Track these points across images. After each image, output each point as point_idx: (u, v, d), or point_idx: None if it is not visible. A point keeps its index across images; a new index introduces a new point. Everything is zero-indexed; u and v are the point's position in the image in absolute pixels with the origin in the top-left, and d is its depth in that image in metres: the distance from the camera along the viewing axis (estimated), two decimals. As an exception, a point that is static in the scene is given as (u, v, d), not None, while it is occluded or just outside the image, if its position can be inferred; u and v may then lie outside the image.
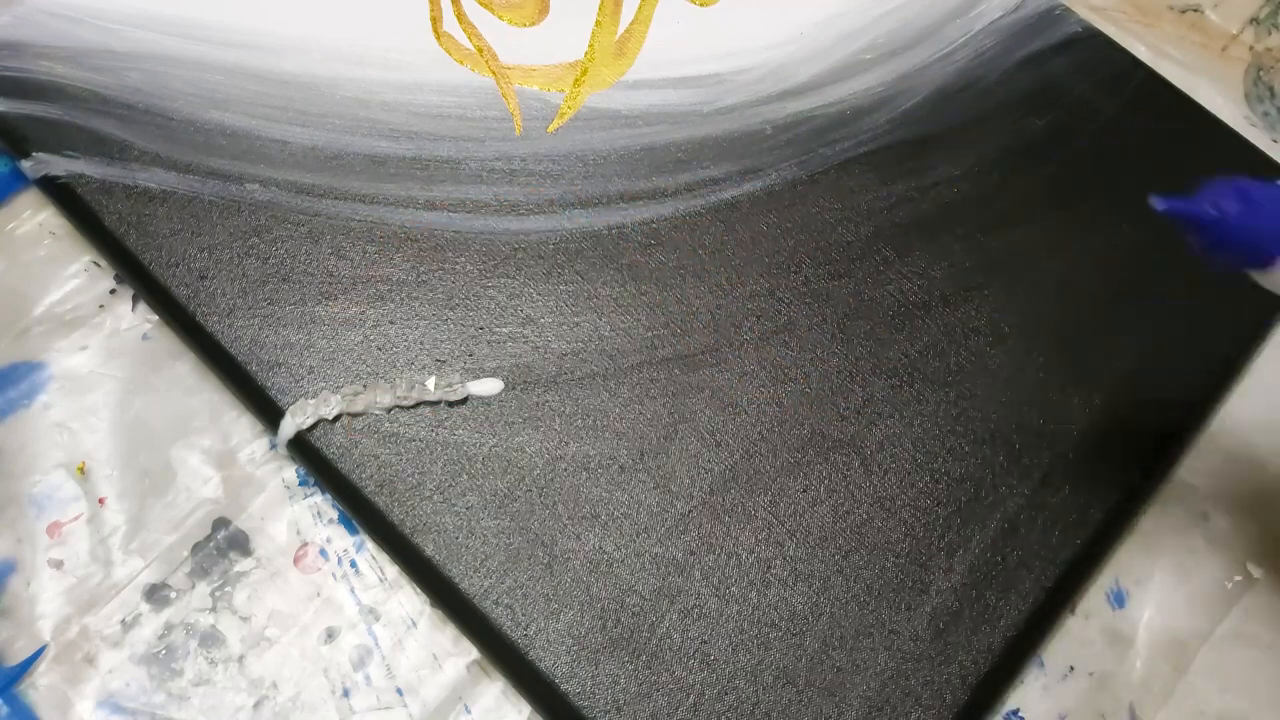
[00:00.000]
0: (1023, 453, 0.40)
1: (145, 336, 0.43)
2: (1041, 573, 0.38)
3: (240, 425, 0.42)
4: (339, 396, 0.40)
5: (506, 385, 0.41)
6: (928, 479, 0.39)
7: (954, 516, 0.39)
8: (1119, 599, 0.40)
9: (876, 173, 0.45)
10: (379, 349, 0.41)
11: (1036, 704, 0.39)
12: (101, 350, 0.43)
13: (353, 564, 0.40)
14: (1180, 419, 0.42)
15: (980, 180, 0.45)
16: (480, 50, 0.48)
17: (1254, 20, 0.53)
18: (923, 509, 0.39)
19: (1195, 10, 0.53)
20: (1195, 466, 0.42)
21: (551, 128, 0.46)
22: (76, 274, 0.44)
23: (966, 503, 0.39)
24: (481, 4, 0.49)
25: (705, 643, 0.37)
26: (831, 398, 0.41)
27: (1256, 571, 0.41)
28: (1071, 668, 0.39)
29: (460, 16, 0.48)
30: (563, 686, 0.36)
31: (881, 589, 0.38)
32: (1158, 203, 0.32)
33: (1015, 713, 0.39)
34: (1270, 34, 0.52)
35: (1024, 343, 0.42)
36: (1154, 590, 0.40)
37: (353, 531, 0.40)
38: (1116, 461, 0.40)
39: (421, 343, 0.41)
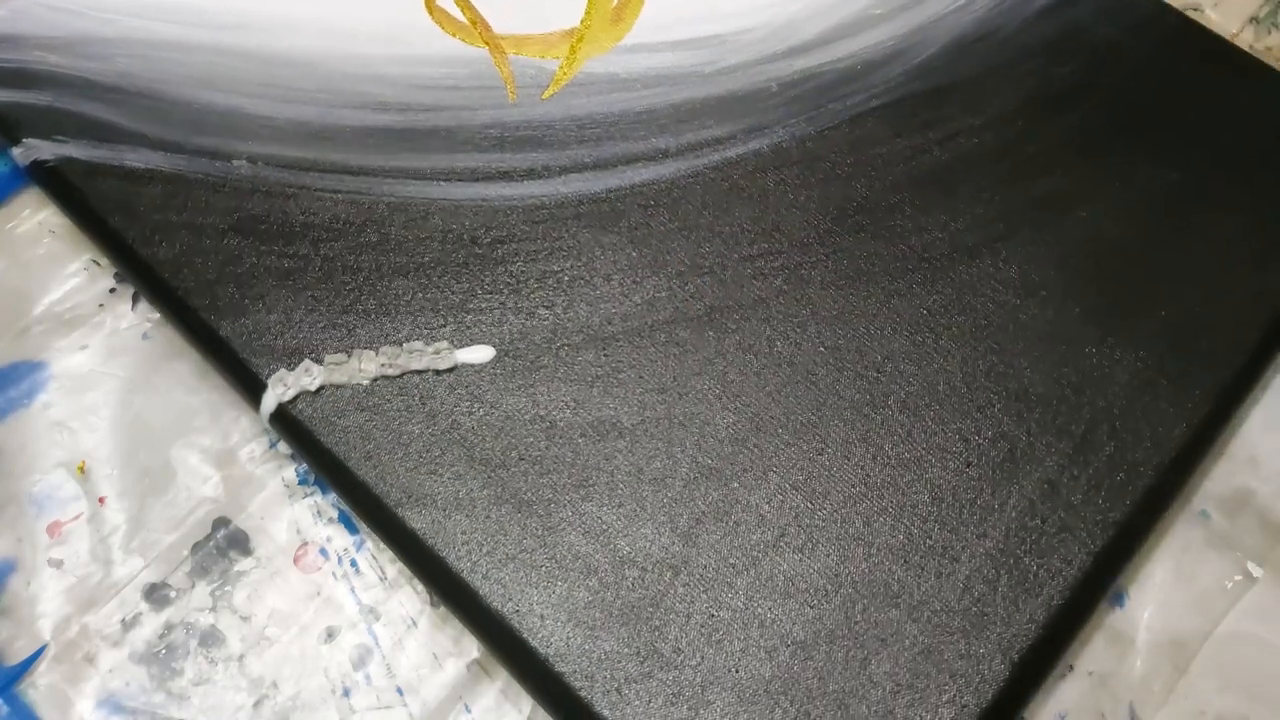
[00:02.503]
0: (1060, 409, 0.37)
1: (145, 335, 0.43)
2: (1086, 536, 0.35)
3: (240, 424, 0.41)
4: (321, 367, 0.39)
5: (499, 352, 0.39)
6: (956, 439, 0.37)
7: (985, 480, 0.36)
8: (1119, 599, 0.38)
9: (890, 126, 0.43)
10: (367, 318, 0.40)
11: (1036, 703, 0.37)
12: (101, 349, 0.43)
13: (353, 563, 0.39)
14: (1237, 366, 0.38)
15: (1002, 130, 0.43)
16: (474, 22, 0.47)
17: (1254, 19, 0.51)
18: (951, 470, 0.36)
19: (1195, 10, 0.51)
20: (1195, 466, 0.40)
21: (546, 94, 0.45)
22: (76, 273, 0.44)
23: (1000, 462, 0.36)
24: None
25: (713, 616, 0.34)
26: (848, 354, 0.38)
27: (1256, 571, 0.39)
28: (1071, 667, 0.37)
29: (452, -12, 0.48)
30: (558, 667, 0.34)
31: (908, 555, 0.35)
32: None
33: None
34: (1270, 33, 0.51)
35: (1057, 291, 0.39)
36: (1154, 590, 0.39)
37: (353, 531, 0.39)
38: (1166, 415, 0.37)
39: (409, 310, 0.40)
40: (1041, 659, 0.34)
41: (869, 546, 0.35)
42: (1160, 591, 0.39)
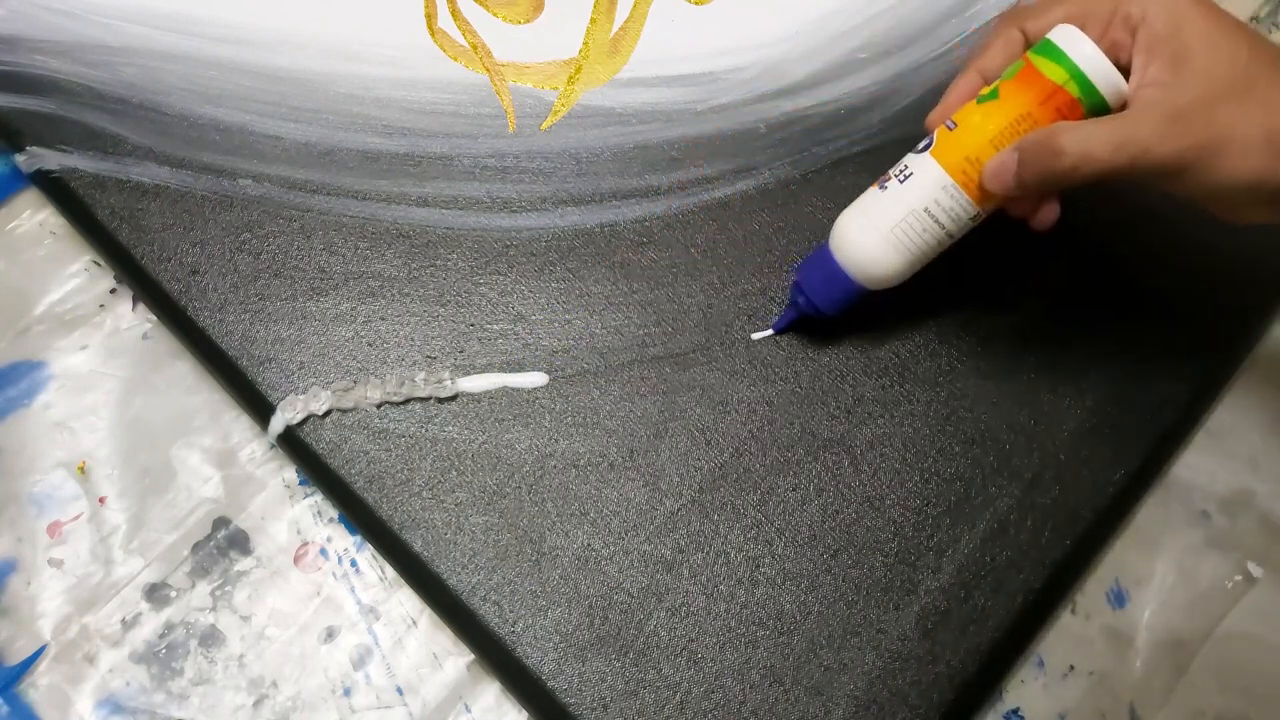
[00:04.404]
0: (1013, 453, 0.40)
1: (145, 336, 0.44)
2: (1030, 573, 0.38)
3: (240, 424, 0.42)
4: (329, 392, 0.40)
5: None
6: (917, 478, 0.39)
7: (943, 516, 0.39)
8: (1119, 599, 0.40)
9: (870, 172, 0.44)
10: (370, 345, 0.41)
11: (1037, 703, 0.38)
12: (102, 349, 0.43)
13: (353, 563, 0.40)
14: (1172, 419, 0.41)
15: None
16: (475, 47, 0.48)
17: (1254, 19, 0.52)
18: (912, 508, 0.39)
19: (1195, 8, 0.53)
20: (1195, 466, 0.42)
21: (545, 125, 0.46)
22: (77, 273, 0.45)
23: (956, 502, 0.39)
24: (477, 1, 0.49)
25: (693, 641, 0.37)
26: (822, 397, 0.41)
27: (1256, 571, 0.41)
28: (1071, 667, 0.39)
29: (455, 13, 0.48)
30: (549, 683, 0.36)
31: (870, 588, 0.37)
32: (764, 334, 0.42)
33: (1015, 712, 0.38)
34: (1270, 32, 0.52)
35: (1015, 342, 0.42)
36: (1154, 590, 0.40)
37: (353, 531, 0.40)
38: (1107, 461, 0.40)
39: (412, 339, 0.41)
40: (986, 684, 0.37)
41: (835, 579, 0.38)
42: (1160, 591, 0.40)
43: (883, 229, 0.38)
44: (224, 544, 0.40)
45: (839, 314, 0.40)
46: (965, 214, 0.37)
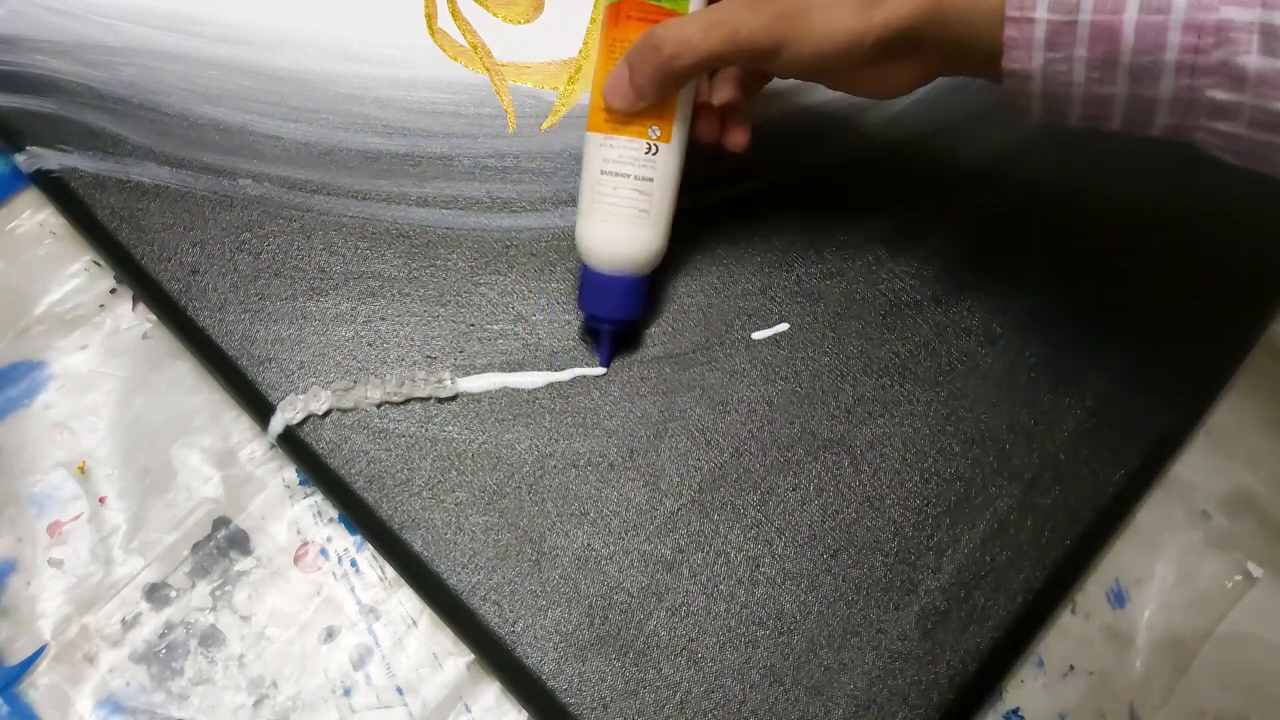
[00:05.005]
0: (1013, 453, 0.40)
1: (145, 336, 0.44)
2: (1030, 573, 0.38)
3: (240, 424, 0.42)
4: (329, 392, 0.40)
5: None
6: (917, 478, 0.39)
7: (943, 516, 0.39)
8: (1119, 599, 0.40)
9: (870, 172, 0.45)
10: (370, 345, 0.41)
11: (1037, 703, 0.38)
12: (102, 349, 0.43)
13: (353, 563, 0.40)
14: (1172, 420, 0.41)
15: (976, 180, 0.45)
16: (475, 47, 0.48)
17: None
18: (912, 508, 0.39)
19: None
20: (1195, 466, 0.42)
21: (545, 125, 0.46)
22: (77, 273, 0.45)
23: (956, 502, 0.39)
24: (477, 1, 0.49)
25: (693, 640, 0.37)
26: (822, 397, 0.41)
27: (1256, 571, 0.41)
28: (1071, 667, 0.39)
29: (455, 13, 0.48)
30: (549, 683, 0.36)
31: (870, 588, 0.37)
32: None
33: (1015, 711, 0.38)
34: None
35: (1016, 343, 0.42)
36: (1154, 590, 0.40)
37: (353, 531, 0.40)
38: (1107, 461, 0.40)
39: (412, 339, 0.41)
40: (986, 684, 0.37)
41: (835, 579, 0.38)
42: (1160, 591, 0.40)
43: (596, 215, 0.39)
44: (224, 544, 0.40)
45: (640, 313, 0.41)
46: (638, 152, 0.38)
